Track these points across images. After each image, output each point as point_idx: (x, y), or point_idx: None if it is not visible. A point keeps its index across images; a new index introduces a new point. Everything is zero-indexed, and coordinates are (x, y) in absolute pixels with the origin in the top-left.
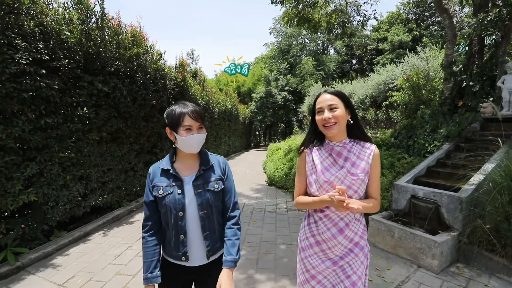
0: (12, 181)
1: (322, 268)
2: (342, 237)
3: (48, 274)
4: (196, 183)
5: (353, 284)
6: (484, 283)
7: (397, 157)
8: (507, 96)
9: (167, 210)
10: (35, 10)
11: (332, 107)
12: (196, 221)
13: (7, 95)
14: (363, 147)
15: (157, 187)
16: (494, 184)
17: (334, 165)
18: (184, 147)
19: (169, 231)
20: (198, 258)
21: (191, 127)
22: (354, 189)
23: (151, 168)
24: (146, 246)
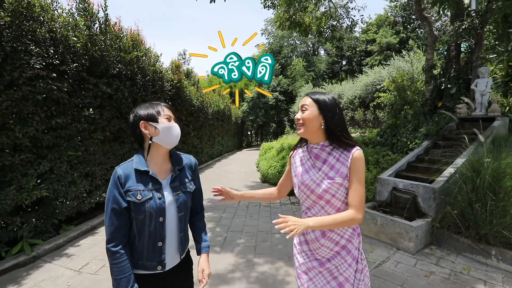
0: (26, 178)
1: (309, 267)
2: (325, 240)
3: (64, 262)
4: (173, 185)
5: (340, 285)
6: (451, 260)
7: (382, 154)
8: (479, 98)
9: (146, 216)
10: (44, 17)
11: (303, 108)
12: (174, 224)
13: (23, 97)
14: (345, 150)
15: (132, 191)
16: (461, 175)
17: (313, 168)
18: (167, 136)
19: (142, 240)
20: (171, 261)
21: (170, 117)
22: (332, 193)
23: (120, 170)
24: (120, 261)
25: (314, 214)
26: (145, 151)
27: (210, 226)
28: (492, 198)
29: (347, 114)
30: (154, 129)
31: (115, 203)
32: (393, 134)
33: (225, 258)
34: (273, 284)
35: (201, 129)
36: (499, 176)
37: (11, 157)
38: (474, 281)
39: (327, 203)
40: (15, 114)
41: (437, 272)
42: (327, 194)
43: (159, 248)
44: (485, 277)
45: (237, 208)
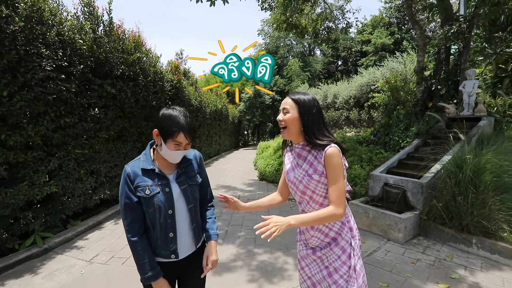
0: (37, 174)
1: (304, 254)
2: (314, 231)
3: (74, 253)
4: (180, 179)
5: (329, 274)
6: (437, 249)
7: (375, 152)
8: (467, 98)
9: (156, 209)
10: (53, 21)
11: (284, 110)
12: (184, 216)
13: (35, 98)
14: (321, 148)
15: (141, 187)
16: (445, 171)
17: (297, 166)
18: (166, 156)
19: (155, 231)
20: (186, 250)
21: (181, 144)
22: (311, 189)
23: (129, 168)
24: (140, 248)
25: (303, 208)
26: (151, 149)
27: None
28: (473, 191)
29: (342, 114)
30: (160, 144)
31: (127, 198)
32: (386, 133)
33: (227, 249)
34: (272, 272)
35: (199, 128)
36: (479, 171)
37: (24, 154)
38: (456, 266)
39: (310, 198)
40: (28, 114)
41: (423, 259)
42: (308, 190)
43: (171, 239)
44: (466, 263)
45: None
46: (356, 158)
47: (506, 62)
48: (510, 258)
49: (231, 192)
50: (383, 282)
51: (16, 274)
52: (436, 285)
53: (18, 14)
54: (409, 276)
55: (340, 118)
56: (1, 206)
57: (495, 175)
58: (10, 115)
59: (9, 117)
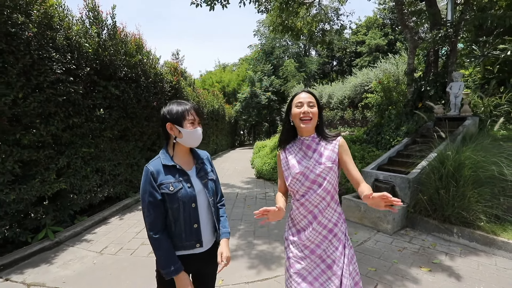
0: (48, 172)
1: (300, 257)
2: (316, 223)
3: (85, 246)
4: (200, 175)
5: (329, 267)
6: (422, 239)
7: (368, 151)
8: (453, 99)
9: (180, 204)
10: (61, 25)
11: (310, 104)
12: (206, 208)
13: (47, 99)
14: (330, 139)
15: (165, 184)
16: (430, 166)
17: (304, 157)
18: (189, 140)
19: (178, 225)
20: (208, 241)
21: (195, 121)
22: (323, 176)
23: (152, 167)
24: (165, 244)
25: (307, 199)
26: (169, 147)
27: None
28: (454, 185)
29: (337, 113)
30: (179, 132)
31: (151, 196)
32: (378, 132)
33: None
34: (271, 259)
35: None
36: (459, 167)
37: (36, 152)
38: (438, 253)
39: (319, 186)
40: (40, 115)
41: (408, 247)
42: (319, 178)
43: (195, 230)
44: (447, 250)
45: (236, 200)
46: None
47: (493, 64)
48: (486, 245)
49: (230, 189)
50: (372, 267)
51: (32, 264)
52: (419, 269)
53: (31, 21)
54: (395, 262)
55: (335, 118)
56: (16, 201)
57: (474, 170)
58: (24, 116)
59: (23, 117)
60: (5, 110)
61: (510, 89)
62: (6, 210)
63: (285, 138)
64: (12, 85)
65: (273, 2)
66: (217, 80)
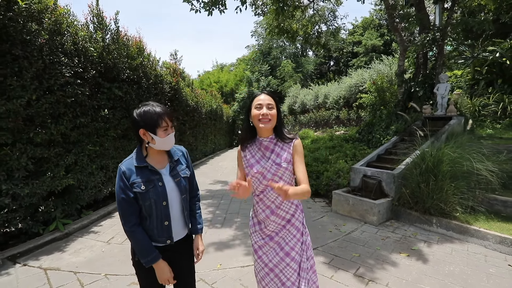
0: (58, 168)
1: (261, 243)
2: (274, 216)
3: (93, 237)
4: (172, 173)
5: (287, 254)
6: (404, 229)
7: (359, 149)
8: (440, 100)
9: (151, 202)
10: (68, 31)
11: (269, 106)
12: (178, 205)
13: (57, 100)
14: (287, 140)
15: (137, 183)
16: (412, 163)
17: (263, 157)
18: (161, 146)
19: (151, 221)
20: (179, 234)
21: (168, 127)
22: (279, 175)
23: (124, 167)
24: (141, 235)
25: (265, 195)
26: (143, 149)
27: (211, 210)
28: (433, 179)
29: (332, 113)
30: (152, 139)
31: (124, 194)
32: (369, 131)
33: (226, 232)
34: None
35: (196, 128)
36: (438, 162)
37: (48, 150)
38: (417, 241)
39: None
40: (51, 115)
41: (391, 237)
42: (275, 177)
43: (166, 227)
44: (426, 238)
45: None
46: (342, 154)
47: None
48: (460, 233)
49: (227, 187)
50: (356, 253)
51: (46, 252)
52: (398, 254)
53: (43, 29)
54: (378, 249)
55: (330, 117)
56: (29, 195)
57: (451, 165)
58: (37, 116)
59: (36, 117)
60: (20, 110)
61: (497, 90)
62: (21, 203)
63: (245, 137)
64: (26, 88)
65: (270, 6)
66: (214, 80)
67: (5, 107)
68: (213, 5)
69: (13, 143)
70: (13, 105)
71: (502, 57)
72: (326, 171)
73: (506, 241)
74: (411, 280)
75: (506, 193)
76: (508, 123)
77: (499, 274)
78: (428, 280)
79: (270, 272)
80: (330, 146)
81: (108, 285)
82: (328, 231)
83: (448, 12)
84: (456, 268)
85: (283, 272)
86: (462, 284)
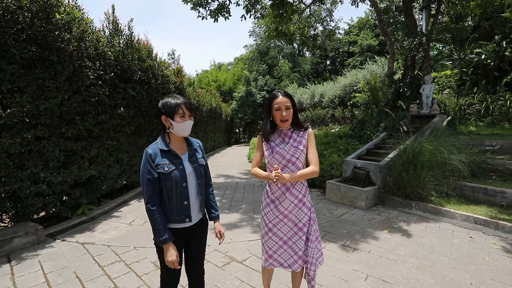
0: (83, 160)
1: (276, 221)
2: (289, 194)
3: (115, 220)
4: (191, 159)
5: (300, 229)
6: (388, 212)
7: (351, 145)
8: (425, 99)
9: (173, 183)
10: (89, 38)
11: (287, 107)
12: (195, 189)
13: (84, 100)
14: (302, 129)
15: (161, 165)
16: (395, 155)
17: (282, 142)
18: (179, 131)
19: (172, 201)
20: (195, 216)
21: (184, 114)
22: (296, 156)
23: (151, 150)
24: (158, 216)
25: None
26: (166, 135)
27: (218, 199)
28: (412, 168)
29: (328, 112)
30: (171, 124)
31: (149, 174)
32: (361, 128)
33: (233, 216)
34: None
35: (197, 126)
36: (417, 154)
37: (76, 144)
38: (398, 221)
39: (293, 164)
40: (78, 113)
41: (377, 218)
42: (293, 157)
43: (185, 206)
44: (406, 219)
45: (236, 187)
46: (335, 149)
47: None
48: (435, 214)
49: (230, 179)
50: (345, 230)
51: (78, 231)
52: (381, 231)
53: (73, 37)
54: (364, 227)
55: (326, 116)
56: (61, 183)
57: (428, 157)
58: (67, 113)
59: (67, 115)
60: (55, 109)
61: (481, 90)
62: (54, 189)
63: (268, 131)
64: (60, 89)
65: (268, 10)
66: (213, 79)
67: (44, 105)
68: (219, 12)
69: (49, 137)
70: (50, 104)
71: (487, 59)
72: (321, 164)
73: (470, 218)
74: (389, 248)
75: (475, 181)
76: (490, 121)
77: (461, 244)
78: (403, 248)
79: (284, 245)
80: (325, 142)
81: (139, 254)
82: (322, 214)
83: (434, 18)
84: (427, 240)
85: (296, 244)
86: (429, 250)
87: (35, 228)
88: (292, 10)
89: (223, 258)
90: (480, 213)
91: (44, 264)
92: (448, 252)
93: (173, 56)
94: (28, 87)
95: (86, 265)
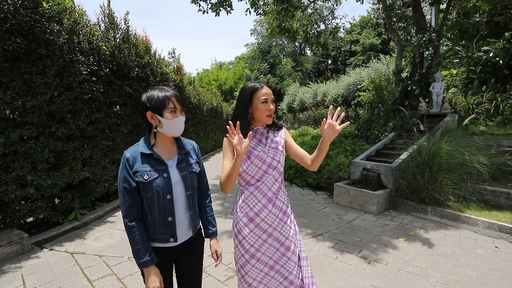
0: (75, 161)
1: (260, 243)
2: (271, 206)
3: (109, 226)
4: (180, 166)
5: (287, 248)
6: (402, 217)
7: (358, 145)
8: (435, 98)
9: (154, 194)
10: (83, 31)
11: (272, 100)
12: (182, 202)
13: (75, 97)
14: (277, 128)
15: (140, 172)
16: (409, 156)
17: (259, 144)
18: (170, 129)
19: (153, 215)
20: (183, 235)
21: (176, 109)
22: (277, 159)
23: (129, 154)
24: (137, 233)
25: (263, 182)
26: (151, 135)
27: (220, 202)
28: (428, 171)
29: None
30: (159, 122)
31: (126, 182)
32: (368, 128)
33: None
34: None
35: (198, 125)
36: (433, 155)
37: (67, 144)
38: (414, 228)
39: (274, 169)
40: (70, 111)
41: (390, 224)
42: (274, 161)
43: (169, 223)
44: (422, 225)
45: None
46: (342, 149)
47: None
48: (453, 220)
49: None
50: (358, 238)
51: (68, 239)
52: (396, 239)
53: (63, 29)
54: (377, 234)
55: None
56: (51, 186)
57: (445, 158)
58: (58, 111)
59: (57, 113)
60: (44, 106)
61: (491, 89)
62: (43, 193)
63: (245, 130)
64: (49, 85)
65: (271, 6)
66: (213, 78)
67: (30, 102)
68: (220, 6)
69: (36, 137)
70: (38, 101)
71: (495, 56)
72: (327, 165)
73: (494, 226)
74: (408, 260)
75: (495, 184)
76: (501, 120)
77: (486, 254)
78: (423, 260)
79: (270, 271)
80: (331, 142)
81: (132, 266)
82: (331, 220)
83: (444, 13)
84: (448, 250)
85: (284, 267)
86: (453, 262)
87: (20, 236)
88: (295, 6)
89: (226, 271)
90: (505, 220)
91: (27, 278)
92: (474, 264)
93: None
94: (13, 82)
95: (73, 279)
